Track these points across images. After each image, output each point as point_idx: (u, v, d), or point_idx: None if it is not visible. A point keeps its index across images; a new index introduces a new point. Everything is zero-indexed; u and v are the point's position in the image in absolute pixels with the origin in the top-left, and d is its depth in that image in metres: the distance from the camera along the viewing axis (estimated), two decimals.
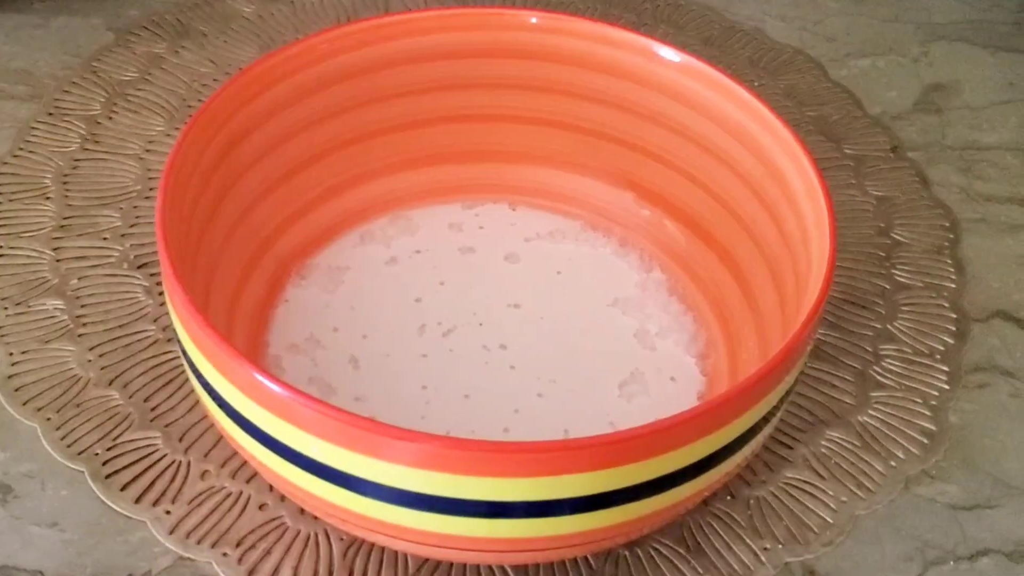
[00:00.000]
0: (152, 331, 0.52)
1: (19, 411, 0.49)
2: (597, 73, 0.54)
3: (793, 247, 0.47)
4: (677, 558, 0.46)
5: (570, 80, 0.55)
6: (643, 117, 0.54)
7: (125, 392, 0.50)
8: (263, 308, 0.52)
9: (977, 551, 0.48)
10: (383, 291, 0.53)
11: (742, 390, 0.39)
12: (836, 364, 0.54)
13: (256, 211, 0.51)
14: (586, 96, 0.55)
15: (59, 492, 0.47)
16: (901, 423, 0.52)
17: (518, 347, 0.50)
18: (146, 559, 0.45)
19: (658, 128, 0.54)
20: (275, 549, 0.45)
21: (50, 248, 0.55)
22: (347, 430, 0.37)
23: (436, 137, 0.56)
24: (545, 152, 0.57)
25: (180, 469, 0.47)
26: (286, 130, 0.51)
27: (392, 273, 0.54)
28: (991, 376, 0.54)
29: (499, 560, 0.44)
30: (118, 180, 0.59)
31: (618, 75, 0.54)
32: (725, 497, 0.48)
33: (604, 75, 0.54)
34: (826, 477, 0.49)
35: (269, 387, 0.38)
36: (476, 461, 0.37)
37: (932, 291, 0.58)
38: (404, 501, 0.38)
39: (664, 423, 0.39)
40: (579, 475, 0.38)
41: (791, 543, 0.47)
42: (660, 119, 0.54)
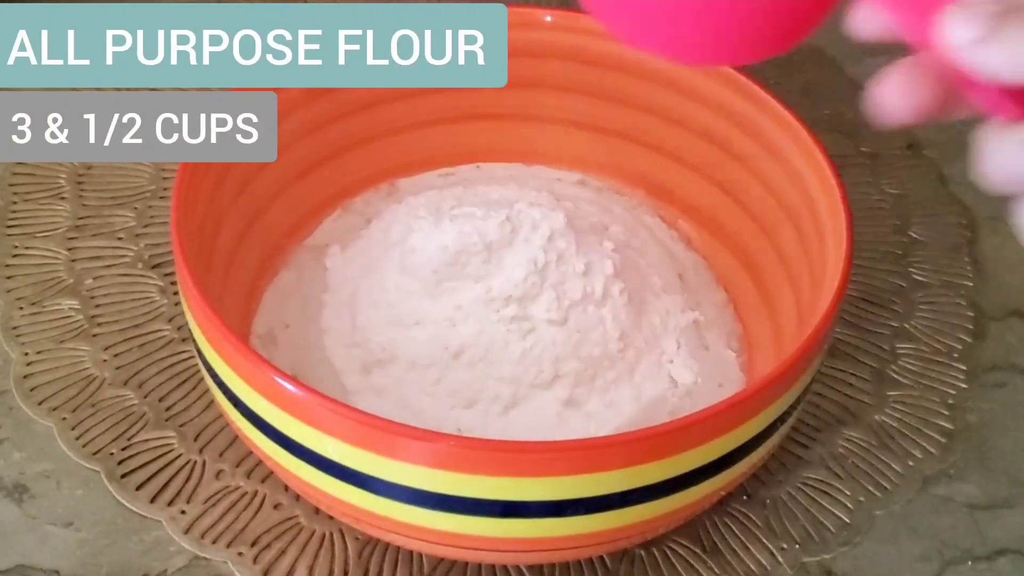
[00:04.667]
0: (167, 331, 0.52)
1: (34, 411, 0.49)
2: (610, 71, 0.54)
3: (809, 245, 0.47)
4: (693, 558, 0.46)
5: (585, 79, 0.55)
6: (656, 114, 0.54)
7: (140, 392, 0.50)
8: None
9: (995, 551, 0.47)
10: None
11: (758, 389, 0.39)
12: (853, 363, 0.54)
13: (271, 210, 0.51)
14: (600, 94, 0.55)
15: (74, 492, 0.47)
16: (918, 422, 0.51)
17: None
18: (161, 559, 0.45)
19: (671, 125, 0.54)
20: (290, 549, 0.45)
21: (65, 248, 0.56)
22: (363, 430, 0.37)
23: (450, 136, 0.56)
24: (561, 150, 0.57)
25: (195, 469, 0.47)
26: (300, 129, 0.51)
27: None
28: (1009, 375, 0.54)
29: (514, 560, 0.44)
30: (132, 180, 0.59)
31: (633, 73, 0.54)
32: (741, 497, 0.48)
33: (617, 73, 0.54)
34: (843, 477, 0.49)
35: (285, 387, 0.38)
36: (491, 461, 0.37)
37: (949, 289, 0.57)
38: (419, 501, 0.38)
39: (680, 422, 0.39)
40: (594, 475, 0.38)
41: (808, 543, 0.47)
42: (673, 116, 0.54)
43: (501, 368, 0.45)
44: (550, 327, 0.45)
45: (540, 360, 0.45)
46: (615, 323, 0.46)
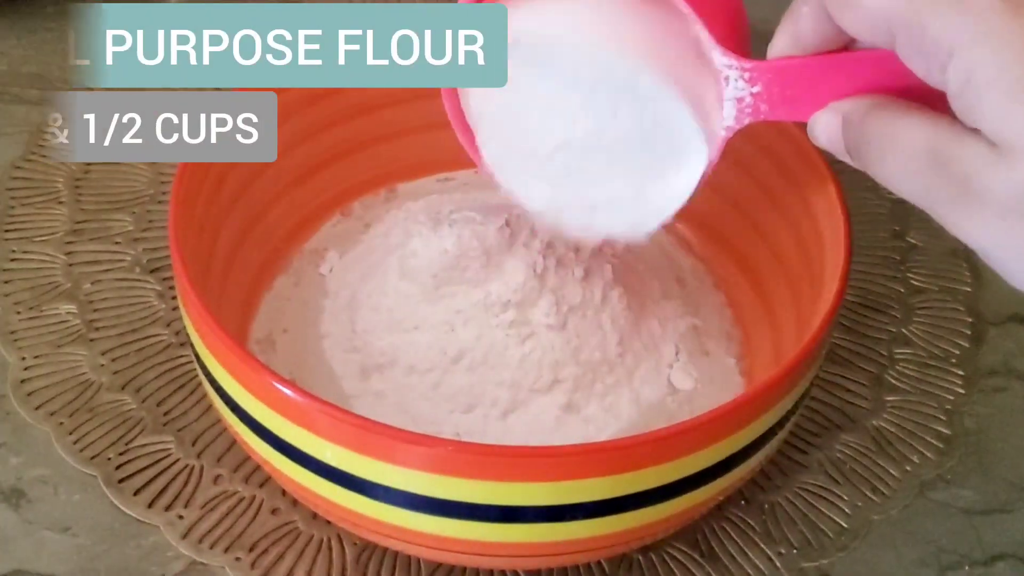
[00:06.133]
0: (165, 335, 0.52)
1: (31, 416, 0.49)
2: None
3: (808, 250, 0.47)
4: (691, 563, 0.46)
5: None
6: None
7: (138, 396, 0.50)
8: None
9: (993, 556, 0.47)
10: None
11: (757, 394, 0.39)
12: (851, 368, 0.54)
13: (269, 214, 0.51)
14: None
15: (72, 497, 0.47)
16: (916, 427, 0.51)
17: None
18: (159, 564, 0.45)
19: None
20: (288, 554, 0.45)
21: (62, 252, 0.55)
22: (361, 434, 0.37)
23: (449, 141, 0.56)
24: None
25: (193, 474, 0.47)
26: (299, 134, 0.51)
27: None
28: (1007, 380, 0.54)
29: (512, 565, 0.44)
30: (130, 184, 0.59)
31: None
32: (740, 502, 0.48)
33: None
34: (841, 482, 0.49)
35: (283, 392, 0.38)
36: (489, 466, 0.37)
37: (948, 295, 0.57)
38: (417, 505, 0.38)
39: (678, 427, 0.39)
40: (592, 480, 0.38)
41: (806, 548, 0.47)
42: None
43: (500, 373, 0.45)
44: (549, 332, 0.45)
45: (539, 365, 0.45)
46: (614, 328, 0.46)
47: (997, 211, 0.31)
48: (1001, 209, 0.31)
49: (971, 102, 0.30)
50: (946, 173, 0.32)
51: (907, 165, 0.33)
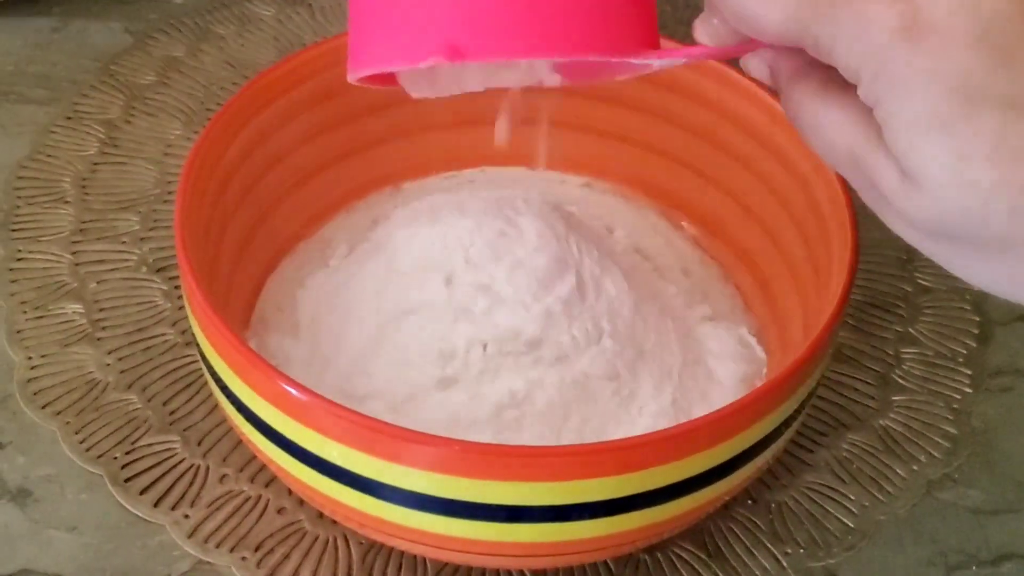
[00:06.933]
0: (171, 335, 0.52)
1: (38, 415, 0.49)
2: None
3: (814, 249, 0.47)
4: (698, 563, 0.46)
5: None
6: (661, 118, 0.54)
7: (144, 396, 0.50)
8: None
9: (999, 555, 0.47)
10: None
11: (763, 393, 0.39)
12: (858, 367, 0.53)
13: (275, 215, 0.51)
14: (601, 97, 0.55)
15: (78, 496, 0.47)
16: (923, 427, 0.51)
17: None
18: (165, 563, 0.45)
19: (676, 129, 0.54)
20: (294, 554, 0.45)
21: (69, 252, 0.56)
22: (367, 435, 0.37)
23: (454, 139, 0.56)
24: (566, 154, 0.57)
25: (199, 473, 0.47)
26: (305, 133, 0.51)
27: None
28: (1014, 379, 0.54)
29: (518, 565, 0.44)
30: (137, 184, 0.59)
31: (637, 77, 0.53)
32: (746, 502, 0.48)
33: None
34: (847, 481, 0.49)
35: (289, 392, 0.38)
36: (496, 466, 0.37)
37: (955, 294, 0.57)
38: (424, 505, 0.38)
39: (684, 427, 0.39)
40: (598, 479, 0.38)
41: (812, 548, 0.47)
42: (677, 120, 0.53)
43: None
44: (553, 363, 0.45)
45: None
46: (623, 326, 0.46)
47: (918, 229, 0.31)
48: (921, 230, 0.31)
49: (882, 121, 0.30)
50: (868, 181, 0.31)
51: (833, 158, 0.32)
